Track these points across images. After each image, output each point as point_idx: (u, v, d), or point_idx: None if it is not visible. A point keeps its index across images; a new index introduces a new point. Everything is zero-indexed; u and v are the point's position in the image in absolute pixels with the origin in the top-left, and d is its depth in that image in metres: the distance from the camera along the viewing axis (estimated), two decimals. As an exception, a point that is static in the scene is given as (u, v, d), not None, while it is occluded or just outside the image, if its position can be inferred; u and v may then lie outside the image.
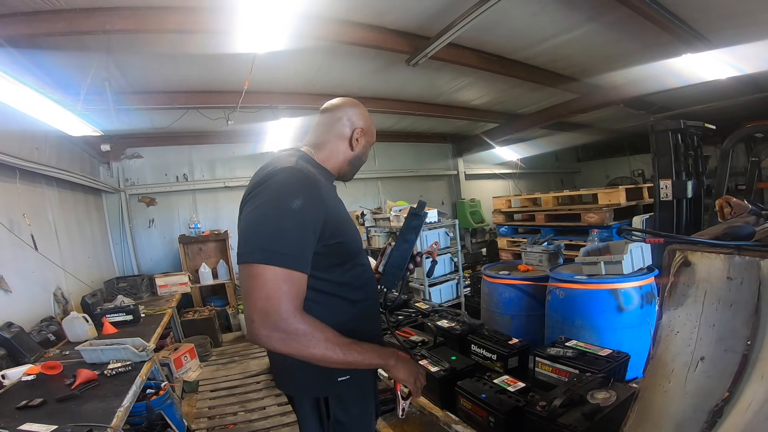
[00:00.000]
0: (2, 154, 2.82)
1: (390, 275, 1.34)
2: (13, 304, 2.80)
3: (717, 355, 0.72)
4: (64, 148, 4.17)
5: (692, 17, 3.19)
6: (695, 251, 0.77)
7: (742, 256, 0.72)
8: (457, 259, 4.61)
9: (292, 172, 1.08)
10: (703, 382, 0.73)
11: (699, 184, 3.59)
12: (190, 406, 3.29)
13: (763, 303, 0.69)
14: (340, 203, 1.28)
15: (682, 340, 0.76)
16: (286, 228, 1.01)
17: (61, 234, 3.88)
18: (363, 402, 1.28)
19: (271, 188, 1.05)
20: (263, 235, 1.01)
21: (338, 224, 1.14)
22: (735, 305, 0.72)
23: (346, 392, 1.21)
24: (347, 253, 1.19)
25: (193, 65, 3.57)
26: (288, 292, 0.98)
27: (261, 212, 1.04)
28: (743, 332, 0.70)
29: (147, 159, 5.77)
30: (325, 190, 1.13)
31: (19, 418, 1.45)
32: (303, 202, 1.02)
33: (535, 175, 9.52)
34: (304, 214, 1.02)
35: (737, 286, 0.72)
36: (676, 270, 0.78)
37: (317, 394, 1.20)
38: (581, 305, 2.52)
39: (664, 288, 0.81)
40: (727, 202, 1.27)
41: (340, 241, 1.13)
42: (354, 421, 1.23)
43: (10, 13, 2.40)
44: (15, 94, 2.42)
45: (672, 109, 5.73)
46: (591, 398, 1.18)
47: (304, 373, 1.17)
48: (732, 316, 0.72)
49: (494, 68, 4.08)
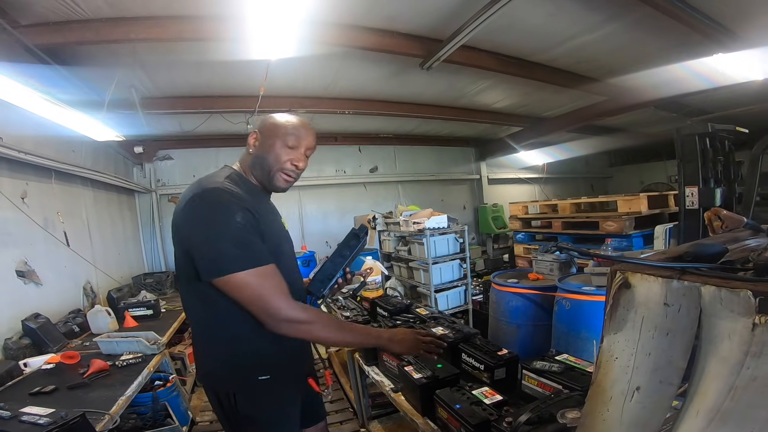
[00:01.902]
0: (37, 157, 3.02)
1: (318, 282, 1.46)
2: (43, 296, 3.01)
3: (652, 386, 0.69)
4: (100, 150, 4.42)
5: (722, 14, 3.01)
6: (636, 272, 0.74)
7: (682, 280, 0.68)
8: (465, 266, 4.54)
9: (217, 192, 1.19)
10: (639, 413, 0.70)
11: (729, 192, 3.37)
12: (199, 399, 3.41)
13: (703, 332, 0.66)
14: (266, 211, 1.35)
15: (620, 367, 0.73)
16: (238, 237, 1.14)
17: (93, 231, 4.13)
18: (280, 402, 1.32)
19: (207, 209, 1.17)
20: (221, 249, 1.13)
21: (260, 221, 1.23)
22: (672, 334, 0.68)
23: (261, 392, 1.27)
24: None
25: (214, 71, 3.71)
26: (273, 284, 1.15)
27: (208, 231, 1.15)
28: (680, 363, 0.66)
29: (176, 161, 6.04)
30: (245, 196, 1.24)
31: (28, 403, 1.57)
32: (238, 212, 1.16)
33: (563, 180, 9.22)
34: (243, 220, 1.16)
35: (674, 314, 0.68)
36: (615, 292, 0.75)
37: (227, 388, 1.28)
38: (588, 317, 2.44)
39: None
40: (717, 215, 1.20)
41: None
42: (269, 422, 1.30)
43: (43, 22, 2.59)
44: (49, 109, 2.62)
45: (708, 111, 5.40)
46: (561, 417, 1.14)
47: (223, 367, 1.28)
48: (668, 346, 0.68)
49: (513, 71, 4.00)
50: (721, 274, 0.67)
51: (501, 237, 7.37)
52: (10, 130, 2.69)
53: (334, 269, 1.45)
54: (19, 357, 2.38)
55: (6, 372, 2.12)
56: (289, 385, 1.35)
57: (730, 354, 0.59)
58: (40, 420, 1.34)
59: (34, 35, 2.58)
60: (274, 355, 1.28)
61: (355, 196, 6.87)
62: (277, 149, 1.33)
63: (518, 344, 2.90)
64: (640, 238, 3.78)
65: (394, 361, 1.90)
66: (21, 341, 2.52)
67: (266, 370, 1.27)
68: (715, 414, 0.60)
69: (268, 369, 1.27)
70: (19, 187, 2.95)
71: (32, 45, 2.58)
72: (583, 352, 2.21)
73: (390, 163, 7.21)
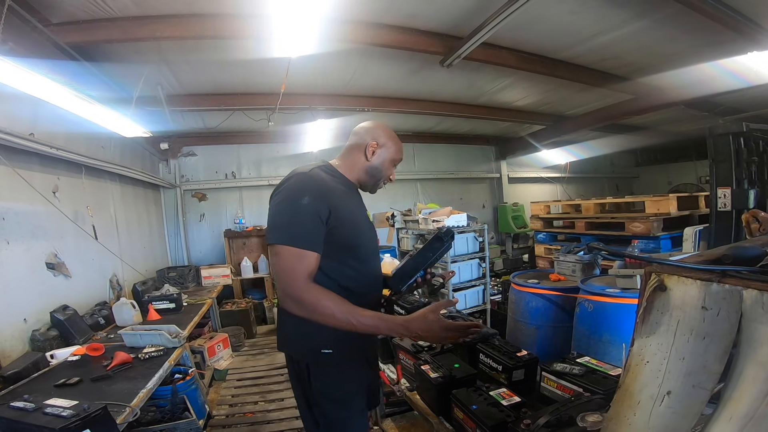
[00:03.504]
0: (68, 152, 3.12)
1: (397, 278, 1.48)
2: (72, 288, 3.09)
3: (684, 391, 0.65)
4: (127, 146, 4.54)
5: (756, 12, 2.87)
6: (672, 275, 0.70)
7: (722, 284, 0.65)
8: (484, 265, 4.48)
9: (302, 176, 1.35)
10: (668, 418, 0.67)
11: (763, 194, 3.22)
12: (216, 393, 3.47)
13: (743, 338, 0.62)
14: (354, 204, 1.48)
15: (650, 371, 0.70)
16: (297, 217, 1.27)
17: (120, 225, 4.24)
18: (344, 379, 1.38)
19: (287, 189, 1.32)
20: (281, 223, 1.28)
21: (339, 214, 1.33)
22: (709, 338, 0.64)
23: (327, 364, 1.36)
24: (347, 240, 1.36)
25: (236, 69, 3.75)
26: (300, 267, 1.23)
27: (279, 207, 1.30)
28: (715, 368, 0.63)
29: (200, 157, 6.16)
30: (332, 188, 1.37)
31: (52, 394, 1.60)
32: (310, 198, 1.28)
33: (587, 180, 9.00)
34: (310, 206, 1.27)
35: (713, 318, 0.64)
36: (649, 294, 0.72)
37: (300, 357, 1.40)
38: (611, 319, 2.37)
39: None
40: (755, 217, 1.13)
41: (335, 225, 1.32)
42: (335, 397, 1.37)
43: (73, 21, 2.67)
44: (80, 106, 2.69)
45: (740, 111, 5.18)
46: (581, 420, 1.11)
47: (294, 336, 1.40)
48: (704, 350, 0.64)
49: (535, 68, 3.92)
50: (763, 278, 0.63)
51: (521, 237, 7.25)
52: (42, 126, 2.78)
53: (415, 268, 1.47)
54: (46, 348, 2.43)
55: (32, 363, 2.16)
56: (352, 362, 1.42)
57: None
58: (64, 412, 1.36)
59: (64, 33, 2.66)
60: (334, 329, 1.29)
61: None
62: (387, 165, 1.52)
63: (537, 346, 2.84)
64: (668, 240, 3.65)
65: (411, 359, 1.89)
66: (49, 333, 2.56)
67: (328, 343, 1.34)
68: (749, 419, 0.58)
69: (330, 343, 1.34)
70: (50, 181, 3.05)
71: (63, 43, 2.67)
72: (604, 355, 2.15)
73: (409, 161, 7.17)
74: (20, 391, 1.89)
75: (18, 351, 2.39)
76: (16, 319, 2.47)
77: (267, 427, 3.02)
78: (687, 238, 3.43)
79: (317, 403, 1.37)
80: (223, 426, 3.07)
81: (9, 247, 2.48)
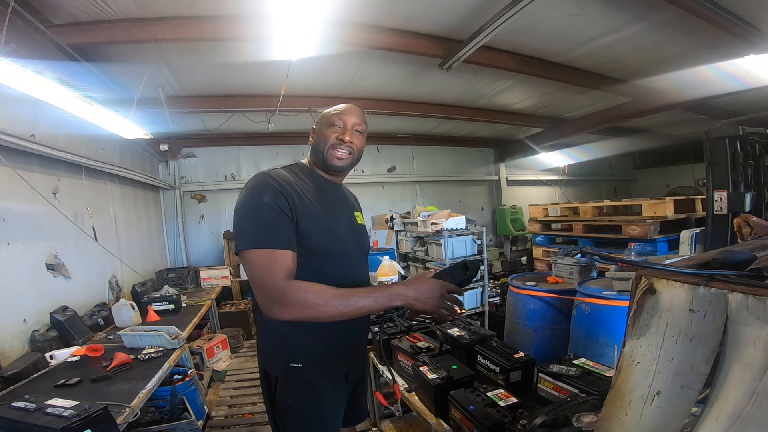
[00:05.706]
0: (69, 153, 3.12)
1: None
2: (71, 289, 3.09)
3: (673, 391, 0.67)
4: (127, 147, 4.54)
5: (753, 16, 2.91)
6: (661, 278, 0.72)
7: (708, 287, 0.67)
8: (483, 268, 4.50)
9: (261, 176, 1.28)
10: (658, 417, 0.68)
11: (759, 197, 3.25)
12: (215, 394, 3.47)
13: (728, 339, 0.64)
14: (326, 204, 1.37)
15: (641, 371, 0.72)
16: (261, 217, 1.18)
17: (120, 226, 4.24)
18: (312, 394, 1.32)
19: (246, 190, 1.26)
20: (246, 227, 1.21)
21: (301, 211, 1.25)
22: (696, 340, 0.66)
23: (295, 378, 1.31)
24: (312, 243, 1.25)
25: (236, 70, 3.77)
26: (275, 267, 1.14)
27: (240, 210, 1.24)
28: (702, 369, 0.65)
29: (200, 158, 6.17)
30: (294, 185, 1.29)
31: (52, 395, 1.61)
32: (271, 194, 1.21)
33: (586, 183, 9.04)
34: (273, 203, 1.20)
35: (699, 320, 0.66)
36: (639, 297, 0.74)
37: (270, 370, 1.35)
38: (608, 322, 2.39)
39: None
40: (746, 222, 1.15)
41: (298, 224, 1.24)
42: (300, 414, 1.31)
43: (75, 22, 2.68)
44: (80, 107, 2.69)
45: (737, 113, 5.21)
46: (576, 421, 1.12)
47: (265, 349, 1.39)
48: (692, 352, 0.66)
49: (534, 71, 3.95)
50: (748, 282, 0.65)
51: (519, 239, 7.27)
52: (43, 127, 2.79)
53: None
54: (46, 349, 2.43)
55: (32, 364, 2.17)
56: (325, 377, 1.35)
57: (754, 360, 0.58)
58: (65, 412, 1.37)
59: (66, 35, 2.67)
60: (307, 343, 1.29)
61: (372, 196, 6.87)
62: (324, 131, 1.41)
63: (534, 347, 2.86)
64: (665, 243, 3.67)
65: (409, 360, 1.90)
66: (48, 333, 2.57)
67: (297, 358, 1.30)
68: (736, 419, 0.59)
69: (299, 357, 1.30)
70: (50, 182, 3.06)
71: (64, 44, 2.68)
72: (601, 357, 2.17)
73: (408, 163, 7.20)
74: (20, 391, 1.90)
75: (18, 351, 2.39)
76: (16, 319, 2.47)
77: (265, 428, 3.02)
78: (683, 241, 3.45)
79: (281, 418, 1.33)
80: (222, 427, 3.07)
81: (9, 248, 2.49)
